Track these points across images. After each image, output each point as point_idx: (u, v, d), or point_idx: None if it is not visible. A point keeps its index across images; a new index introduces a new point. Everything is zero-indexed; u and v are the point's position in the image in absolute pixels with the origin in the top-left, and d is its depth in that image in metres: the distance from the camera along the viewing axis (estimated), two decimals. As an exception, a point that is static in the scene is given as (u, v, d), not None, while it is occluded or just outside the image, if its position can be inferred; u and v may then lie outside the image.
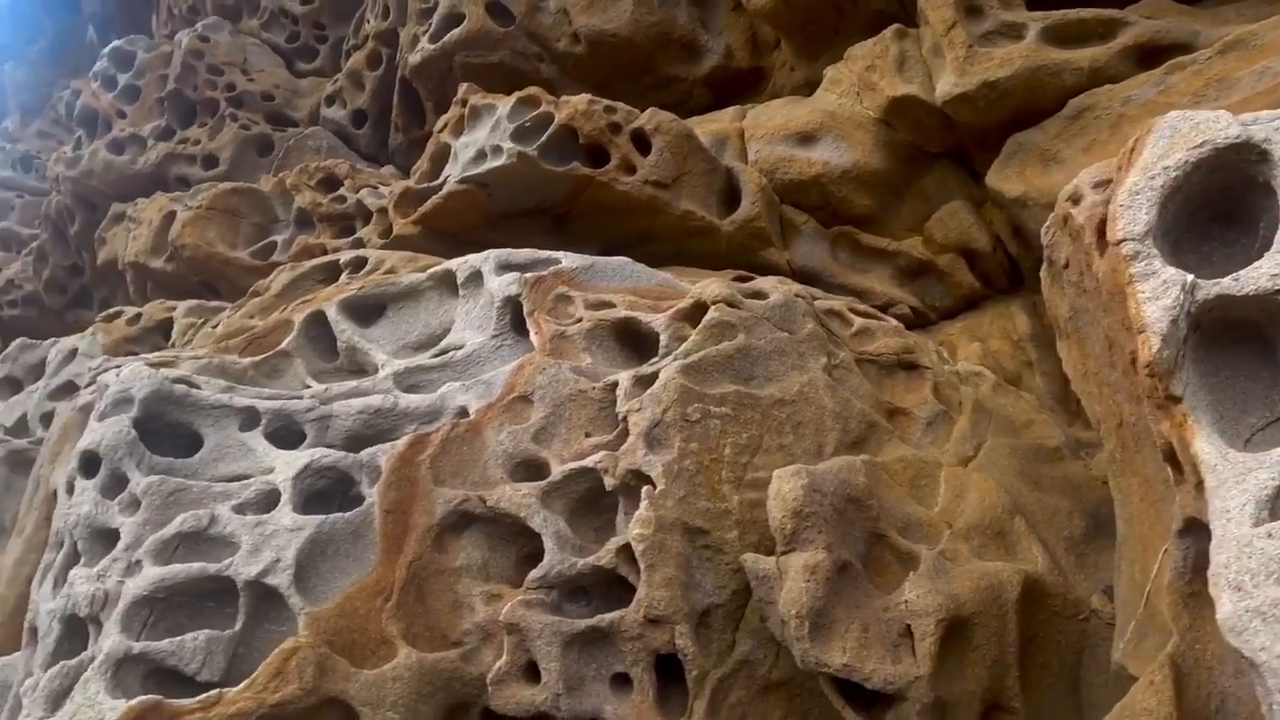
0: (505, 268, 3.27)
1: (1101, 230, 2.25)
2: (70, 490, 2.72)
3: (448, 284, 3.42)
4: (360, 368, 3.33)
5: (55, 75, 12.60)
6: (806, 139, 4.70)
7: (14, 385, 5.42)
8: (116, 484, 2.61)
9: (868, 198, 4.66)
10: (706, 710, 2.24)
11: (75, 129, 7.53)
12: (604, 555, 2.34)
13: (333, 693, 2.15)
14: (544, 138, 4.31)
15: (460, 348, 3.12)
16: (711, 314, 2.81)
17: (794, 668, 2.36)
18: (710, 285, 2.92)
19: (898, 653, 2.21)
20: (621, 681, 2.26)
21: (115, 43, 7.46)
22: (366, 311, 3.46)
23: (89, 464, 2.69)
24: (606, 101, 4.40)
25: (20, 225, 10.68)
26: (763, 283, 3.09)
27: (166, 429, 2.82)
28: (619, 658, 2.26)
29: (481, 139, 4.49)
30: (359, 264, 4.09)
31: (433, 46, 5.72)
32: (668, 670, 2.29)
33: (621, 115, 4.40)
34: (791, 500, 2.29)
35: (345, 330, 3.37)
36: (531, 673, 2.27)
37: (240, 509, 2.47)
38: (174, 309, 4.95)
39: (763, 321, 2.87)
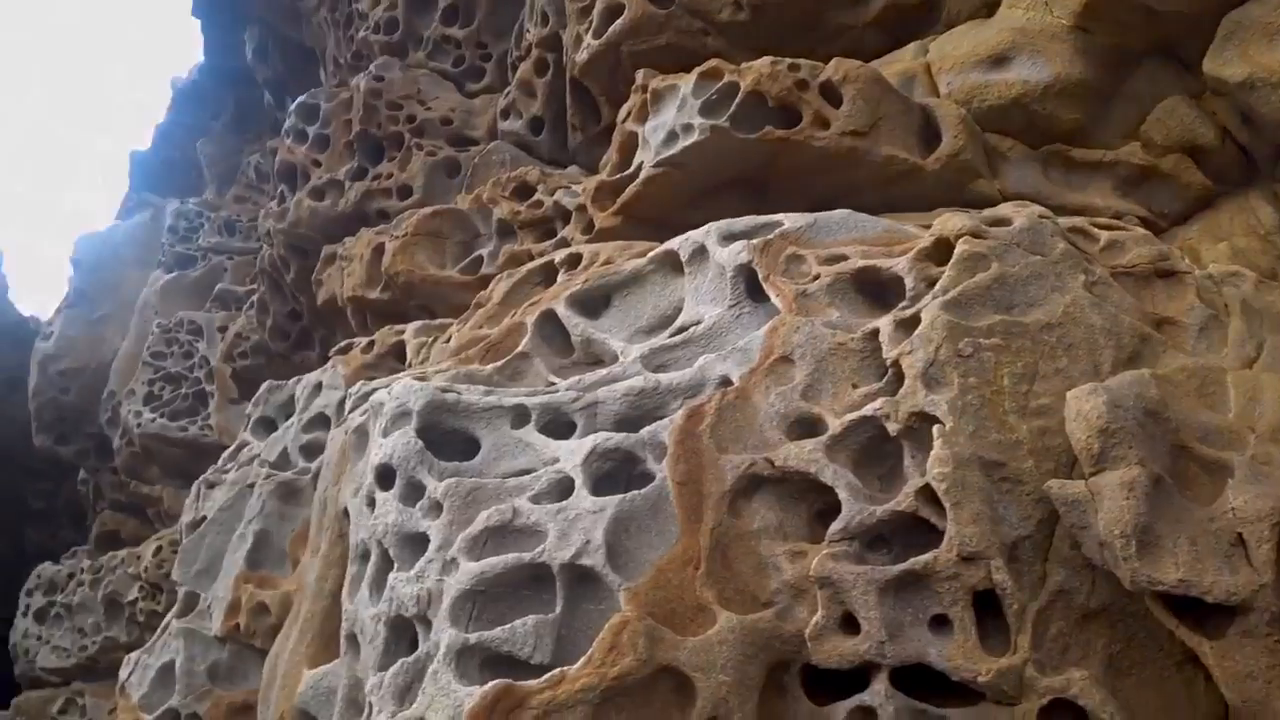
0: (729, 237, 3.28)
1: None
2: (370, 504, 2.91)
3: (671, 264, 3.47)
4: (597, 358, 3.41)
5: (241, 143, 13.55)
6: (1000, 61, 4.50)
7: (268, 425, 5.83)
8: (414, 492, 2.77)
9: (1074, 110, 4.43)
10: (1030, 644, 2.19)
11: (276, 185, 8.02)
12: (903, 500, 2.32)
13: (665, 661, 2.23)
14: (733, 107, 4.29)
15: (698, 322, 3.16)
16: (961, 247, 2.74)
17: (1112, 594, 2.28)
18: (950, 219, 2.84)
19: (1233, 563, 2.10)
20: (940, 623, 2.24)
21: (300, 99, 7.90)
22: (594, 304, 3.55)
23: (384, 477, 2.87)
24: (789, 60, 4.33)
25: (234, 284, 11.53)
26: (1003, 209, 2.98)
27: (443, 436, 2.99)
28: (936, 599, 2.24)
29: (669, 120, 4.51)
30: (574, 260, 4.20)
31: (598, 42, 5.78)
32: (982, 608, 2.26)
33: (806, 71, 4.33)
34: (1095, 419, 2.21)
35: (578, 324, 3.47)
36: (849, 624, 2.28)
37: (537, 499, 2.58)
38: (403, 332, 5.21)
39: (1013, 248, 2.77)
